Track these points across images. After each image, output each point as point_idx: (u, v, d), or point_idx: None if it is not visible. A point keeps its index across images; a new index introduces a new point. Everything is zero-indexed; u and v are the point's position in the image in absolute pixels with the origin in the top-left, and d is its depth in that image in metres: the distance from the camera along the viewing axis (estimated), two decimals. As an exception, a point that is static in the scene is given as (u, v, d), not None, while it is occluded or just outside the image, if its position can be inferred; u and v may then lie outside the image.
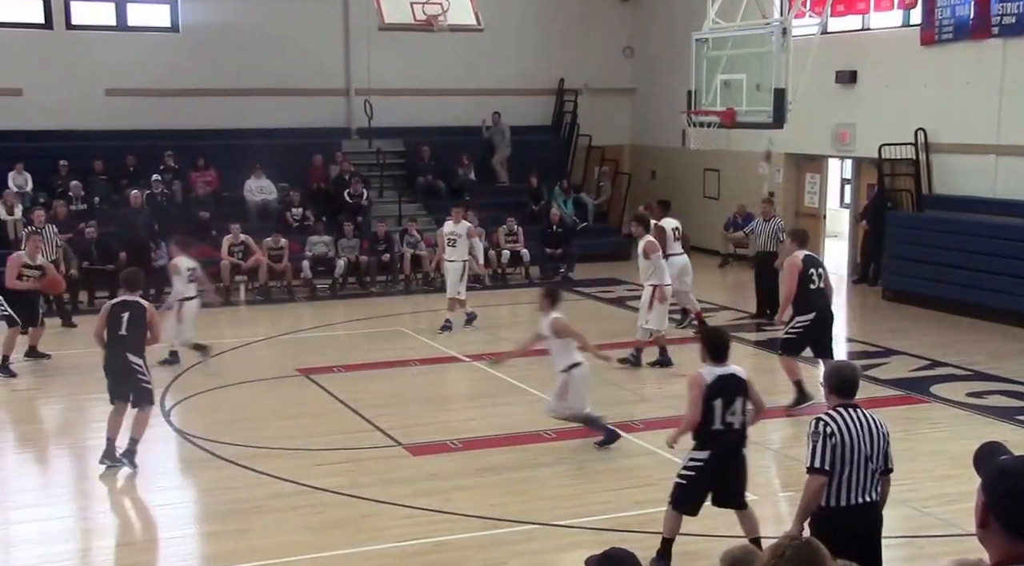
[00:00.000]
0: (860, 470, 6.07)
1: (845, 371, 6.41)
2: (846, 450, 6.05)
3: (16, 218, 19.44)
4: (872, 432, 6.12)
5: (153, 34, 22.62)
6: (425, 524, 8.65)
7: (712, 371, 7.46)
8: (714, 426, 7.42)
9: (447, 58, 23.28)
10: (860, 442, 6.06)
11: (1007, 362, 13.93)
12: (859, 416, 6.15)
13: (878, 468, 6.15)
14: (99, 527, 9.08)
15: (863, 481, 6.10)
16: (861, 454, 6.06)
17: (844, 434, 6.06)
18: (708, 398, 7.38)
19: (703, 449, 7.49)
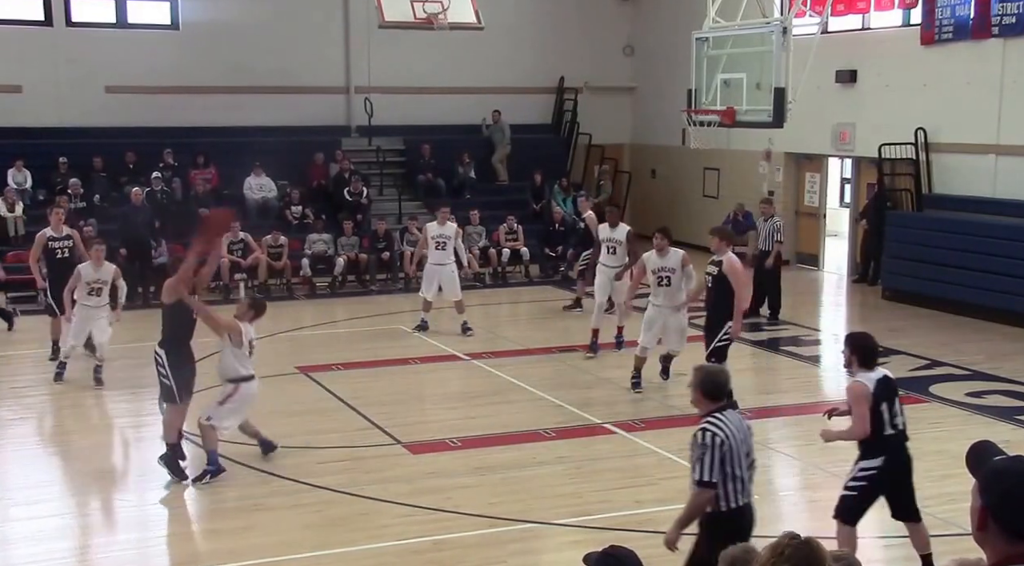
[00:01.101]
0: (743, 470, 6.17)
1: (719, 376, 6.39)
2: (733, 454, 6.11)
3: (16, 215, 19.44)
4: (742, 430, 6.23)
5: (153, 31, 22.60)
6: (424, 522, 8.65)
7: (870, 377, 7.27)
8: (886, 432, 7.25)
9: (447, 56, 23.27)
10: (738, 443, 6.15)
11: (1006, 362, 13.94)
12: (732, 417, 6.22)
13: (750, 473, 6.31)
14: (98, 524, 9.08)
15: (746, 481, 6.22)
16: (741, 454, 6.17)
17: (730, 439, 6.12)
18: (875, 405, 7.22)
19: (875, 456, 7.29)
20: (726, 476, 6.14)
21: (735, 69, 15.74)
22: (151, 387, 12.55)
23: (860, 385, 7.27)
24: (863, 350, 7.37)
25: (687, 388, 6.48)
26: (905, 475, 7.39)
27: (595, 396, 12.45)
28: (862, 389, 7.23)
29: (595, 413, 11.70)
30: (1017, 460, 2.92)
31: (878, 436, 7.27)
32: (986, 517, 2.77)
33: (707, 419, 6.16)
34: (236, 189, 21.36)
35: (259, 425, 10.34)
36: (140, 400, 12.48)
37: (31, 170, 20.45)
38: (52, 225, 14.50)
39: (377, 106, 22.79)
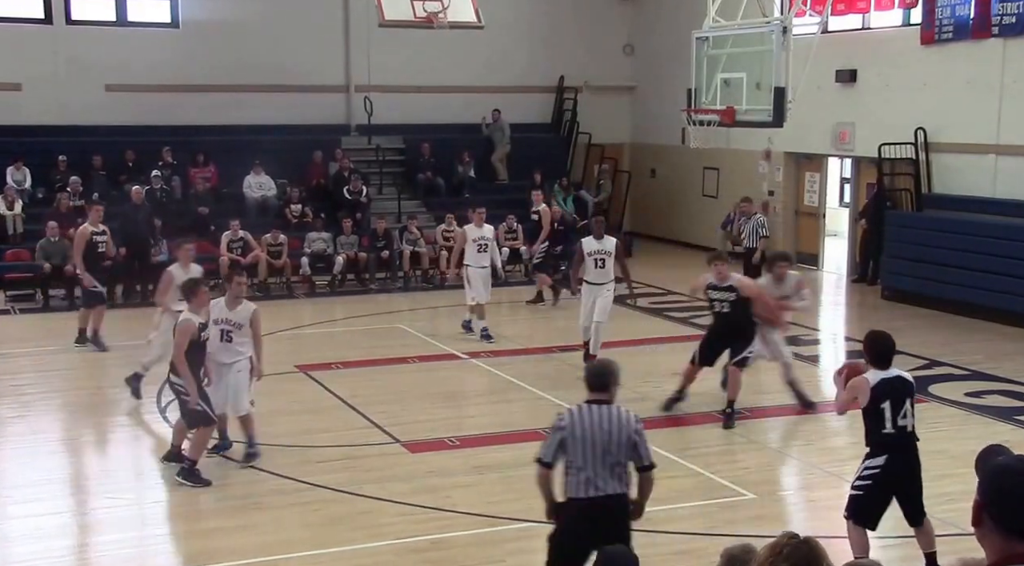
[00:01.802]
0: (597, 464, 6.11)
1: (598, 369, 6.48)
2: (577, 444, 6.12)
3: (16, 213, 19.44)
4: (611, 427, 6.13)
5: (153, 30, 22.60)
6: (423, 521, 8.65)
7: (877, 375, 7.35)
8: (884, 430, 7.29)
9: (447, 55, 23.26)
10: (595, 436, 6.10)
11: (1005, 362, 13.94)
12: (599, 412, 6.19)
13: (619, 462, 6.18)
14: (96, 523, 9.06)
15: (602, 473, 6.14)
16: (597, 448, 6.10)
17: (576, 428, 6.15)
18: (875, 401, 7.28)
19: (878, 456, 7.31)
20: (568, 466, 6.20)
21: (735, 68, 15.74)
22: (150, 385, 12.57)
23: (862, 380, 7.38)
24: (874, 350, 7.53)
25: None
26: (909, 476, 7.37)
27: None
28: (861, 382, 7.36)
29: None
30: (1019, 459, 2.93)
31: (877, 434, 7.32)
32: (981, 513, 2.78)
33: (573, 405, 6.33)
34: (236, 188, 21.36)
35: (259, 423, 10.33)
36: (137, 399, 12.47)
37: (30, 168, 20.46)
38: (92, 220, 14.96)
39: (377, 105, 22.78)
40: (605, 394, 6.28)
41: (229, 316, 9.89)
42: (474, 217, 15.84)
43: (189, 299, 9.77)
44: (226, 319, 9.87)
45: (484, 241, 15.46)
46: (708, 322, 12.28)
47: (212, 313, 9.86)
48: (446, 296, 18.84)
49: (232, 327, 9.87)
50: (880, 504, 7.36)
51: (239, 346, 9.91)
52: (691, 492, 9.38)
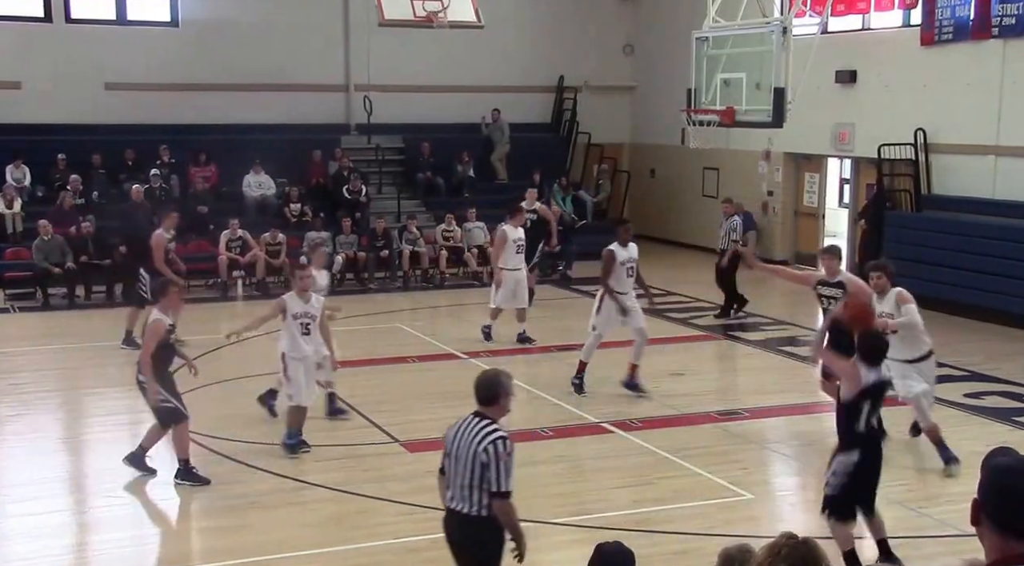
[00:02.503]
0: (456, 477, 5.98)
1: (485, 380, 6.22)
2: (451, 455, 6.01)
3: (15, 212, 19.44)
4: (470, 444, 5.92)
5: (153, 29, 22.59)
6: (422, 521, 8.64)
7: (869, 375, 7.40)
8: (859, 428, 7.41)
9: (447, 55, 23.26)
10: (459, 450, 5.96)
11: (1004, 363, 13.94)
12: (471, 426, 6.02)
13: (466, 483, 5.91)
14: (95, 522, 9.06)
15: (453, 488, 6.00)
16: (458, 463, 5.95)
17: (451, 439, 6.05)
18: (859, 401, 7.37)
19: (851, 451, 7.43)
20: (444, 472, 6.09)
21: (735, 69, 15.73)
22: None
23: (856, 373, 7.43)
24: (867, 349, 7.53)
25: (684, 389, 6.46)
26: (876, 472, 7.54)
27: (593, 395, 12.43)
28: (854, 374, 7.42)
29: (593, 412, 11.70)
30: (1019, 460, 2.93)
31: (851, 431, 7.46)
32: (979, 512, 2.78)
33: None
34: (235, 187, 21.36)
35: (257, 423, 10.33)
36: (138, 398, 12.46)
37: (30, 167, 20.46)
38: (166, 226, 15.05)
39: (376, 104, 22.78)
40: (491, 408, 6.05)
41: (306, 309, 10.21)
42: (512, 218, 15.03)
43: (160, 299, 9.76)
44: (304, 312, 10.18)
45: (522, 242, 14.93)
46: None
47: (289, 308, 10.17)
48: (445, 296, 18.88)
49: (310, 319, 10.20)
50: (855, 496, 7.47)
51: (318, 337, 10.30)
52: (689, 492, 9.38)
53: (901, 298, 9.96)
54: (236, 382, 13.05)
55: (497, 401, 6.05)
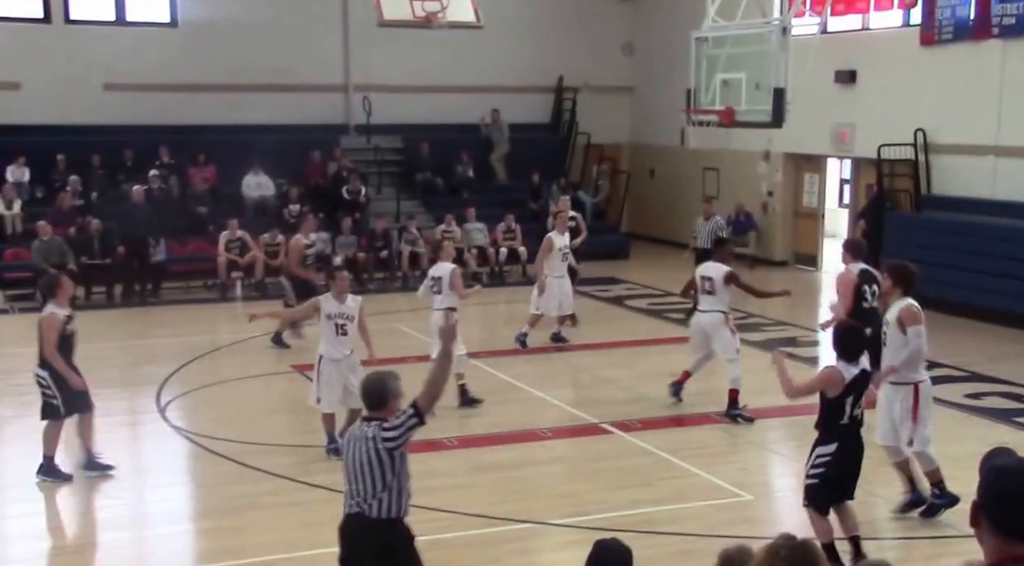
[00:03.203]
0: (349, 483, 5.90)
1: (370, 384, 6.05)
2: (345, 461, 5.92)
3: (15, 212, 19.44)
4: (365, 451, 5.83)
5: (152, 29, 22.59)
6: (421, 522, 8.59)
7: (850, 370, 7.49)
8: (842, 421, 7.54)
9: (446, 55, 23.24)
10: (350, 456, 5.87)
11: (1004, 364, 13.93)
12: (359, 429, 5.93)
13: (369, 488, 5.84)
14: (94, 522, 9.06)
15: (351, 493, 5.91)
16: (351, 468, 5.86)
17: (345, 446, 5.96)
18: (843, 396, 7.47)
19: (830, 443, 7.57)
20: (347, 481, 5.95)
21: (734, 69, 15.73)
22: (149, 385, 12.60)
23: (838, 375, 7.46)
24: (844, 343, 7.59)
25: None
26: (857, 462, 7.66)
27: (593, 396, 12.44)
28: (835, 377, 7.48)
29: (592, 413, 11.69)
30: (1019, 461, 2.93)
31: (834, 424, 7.55)
32: (978, 514, 2.78)
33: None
34: (234, 187, 21.36)
35: (256, 423, 10.32)
36: (136, 398, 12.49)
37: (29, 167, 20.45)
38: (305, 231, 15.04)
39: (376, 104, 22.77)
40: (381, 412, 5.91)
41: (341, 310, 10.24)
42: (557, 223, 15.00)
43: (51, 294, 9.83)
44: (339, 313, 10.22)
45: (568, 249, 14.89)
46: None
47: (324, 309, 10.20)
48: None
49: (346, 320, 10.24)
50: (834, 487, 7.59)
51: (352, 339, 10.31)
52: (689, 493, 9.38)
53: (906, 317, 8.49)
54: (235, 383, 13.06)
55: (386, 405, 5.92)
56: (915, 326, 8.40)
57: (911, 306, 8.50)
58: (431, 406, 5.92)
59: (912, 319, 8.41)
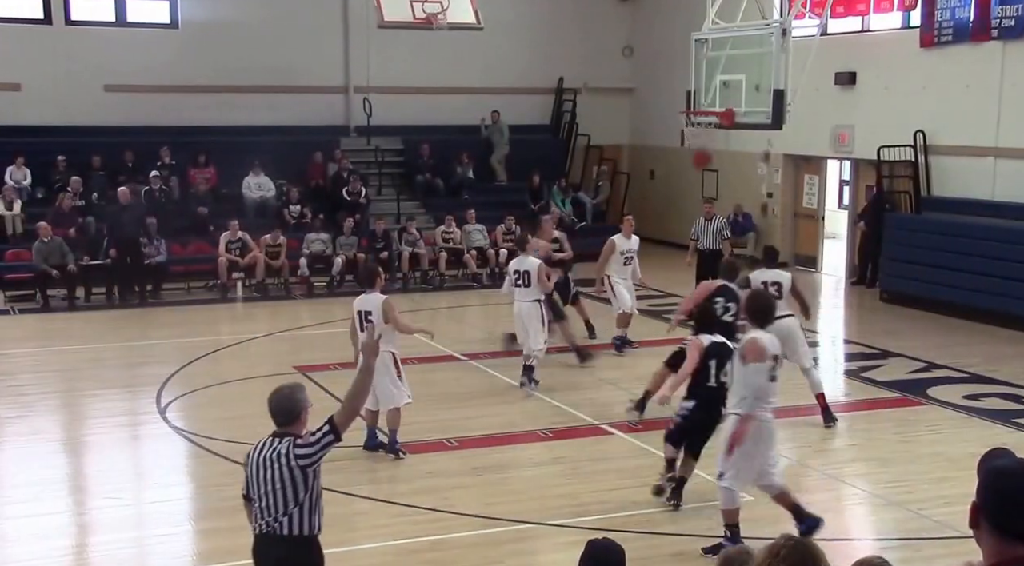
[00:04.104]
0: (259, 501, 5.68)
1: (280, 400, 5.86)
2: (250, 477, 5.71)
3: (15, 213, 19.44)
4: (271, 467, 5.62)
5: (152, 30, 22.60)
6: (422, 522, 8.65)
7: (706, 338, 8.84)
8: (709, 383, 8.80)
9: (446, 56, 23.27)
10: (259, 473, 5.66)
11: (1004, 365, 13.93)
12: (273, 448, 5.68)
13: (280, 504, 5.61)
14: (95, 523, 9.07)
15: (261, 510, 5.68)
16: (260, 485, 5.64)
17: (251, 462, 5.71)
18: (705, 359, 8.73)
19: (691, 400, 8.95)
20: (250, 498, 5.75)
21: (734, 70, 15.74)
22: (149, 385, 12.61)
23: (695, 341, 8.70)
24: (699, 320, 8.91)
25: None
26: (709, 426, 8.87)
27: (592, 397, 12.45)
28: (694, 342, 8.90)
29: (592, 414, 11.70)
30: (1018, 462, 2.93)
31: (699, 385, 8.85)
32: (978, 515, 2.79)
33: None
34: (235, 188, 21.37)
35: (257, 424, 10.28)
36: (137, 399, 12.50)
37: (30, 168, 20.46)
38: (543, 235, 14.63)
39: (376, 106, 22.78)
40: (294, 426, 5.73)
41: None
42: (624, 226, 15.01)
43: None
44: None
45: (631, 253, 14.72)
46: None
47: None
48: (445, 297, 18.87)
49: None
50: (689, 433, 9.03)
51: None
52: (689, 494, 9.38)
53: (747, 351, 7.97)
54: (236, 384, 13.07)
55: (299, 418, 5.76)
56: (754, 362, 7.87)
57: (757, 341, 7.94)
58: (349, 423, 5.75)
59: (753, 354, 7.89)
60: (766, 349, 7.88)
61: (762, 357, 7.85)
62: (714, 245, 17.06)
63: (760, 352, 7.86)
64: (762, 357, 7.85)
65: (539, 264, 12.57)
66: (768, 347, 7.91)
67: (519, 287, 12.66)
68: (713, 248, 17.04)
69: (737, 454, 7.88)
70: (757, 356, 7.85)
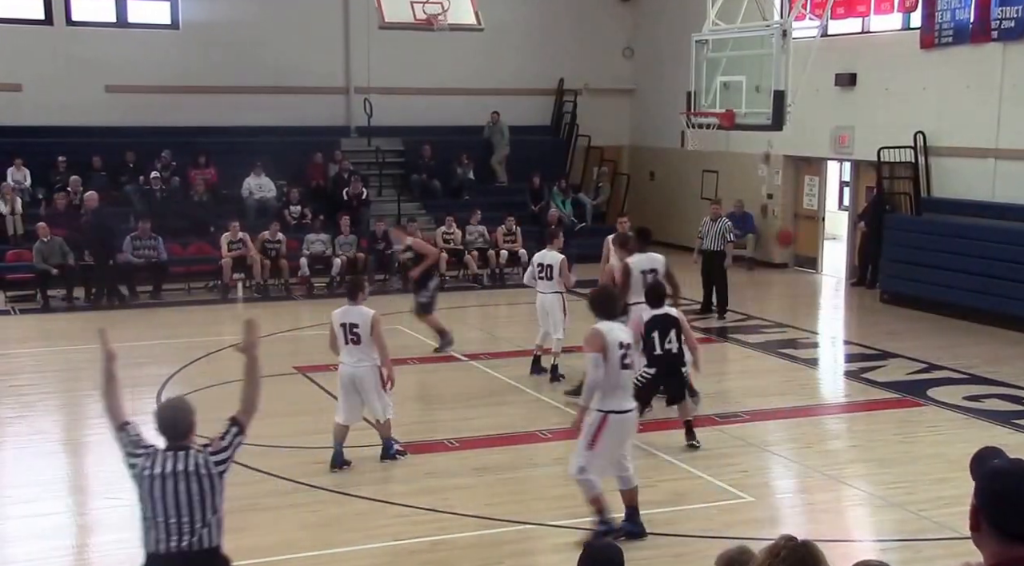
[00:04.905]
0: (167, 518, 5.53)
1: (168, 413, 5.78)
2: (154, 497, 5.54)
3: (16, 214, 19.43)
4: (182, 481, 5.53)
5: (153, 31, 22.61)
6: (422, 523, 8.65)
7: (650, 312, 10.36)
8: (656, 352, 10.28)
9: (447, 57, 23.28)
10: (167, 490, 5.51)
11: (1004, 366, 13.94)
12: (178, 462, 5.56)
13: (189, 516, 5.54)
14: (95, 523, 9.07)
15: (166, 531, 5.54)
16: (171, 502, 5.51)
17: (149, 481, 5.54)
18: (647, 332, 10.24)
19: (651, 366, 10.34)
20: (144, 518, 5.55)
21: (735, 72, 15.76)
22: (149, 386, 12.61)
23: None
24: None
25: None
26: (670, 376, 10.46)
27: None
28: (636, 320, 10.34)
29: (593, 415, 11.67)
30: (1015, 463, 2.94)
31: (651, 354, 10.28)
32: (979, 517, 2.79)
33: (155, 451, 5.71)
34: (235, 189, 21.38)
35: (257, 424, 10.27)
36: (137, 399, 12.47)
37: (30, 169, 20.47)
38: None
39: (376, 107, 22.80)
40: (186, 440, 5.66)
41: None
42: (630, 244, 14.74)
43: None
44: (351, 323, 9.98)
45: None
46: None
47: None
48: (445, 298, 18.83)
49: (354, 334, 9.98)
50: (651, 392, 10.59)
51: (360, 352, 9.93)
52: (689, 495, 9.39)
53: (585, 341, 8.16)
54: (237, 384, 13.04)
55: (193, 430, 5.71)
56: (591, 353, 7.91)
57: (592, 330, 8.07)
58: (251, 418, 5.83)
59: (589, 344, 7.97)
60: (605, 339, 7.95)
61: (597, 347, 7.90)
62: (716, 246, 17.05)
63: (595, 342, 7.94)
64: (597, 347, 7.90)
65: (562, 259, 13.00)
66: (608, 338, 7.98)
67: (542, 279, 13.07)
68: (714, 249, 17.05)
69: (600, 450, 8.02)
70: (593, 346, 7.94)
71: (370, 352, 9.93)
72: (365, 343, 9.90)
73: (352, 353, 9.99)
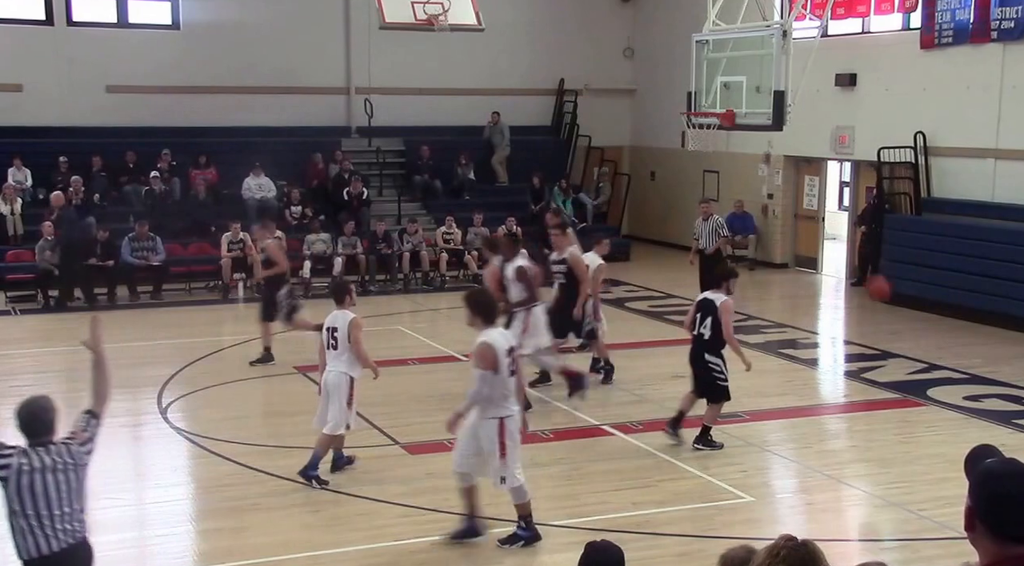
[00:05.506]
0: (51, 511, 5.49)
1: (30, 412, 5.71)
2: (35, 495, 5.49)
3: (16, 214, 19.44)
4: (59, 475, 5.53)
5: (154, 31, 22.62)
6: (422, 523, 8.66)
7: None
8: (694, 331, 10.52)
9: (447, 58, 23.30)
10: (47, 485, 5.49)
11: (1004, 366, 13.95)
12: (48, 457, 5.56)
13: (73, 511, 5.56)
14: (95, 523, 9.04)
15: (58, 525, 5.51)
16: (53, 497, 5.49)
17: (20, 478, 5.48)
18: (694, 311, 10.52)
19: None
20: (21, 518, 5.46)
21: (735, 72, 15.77)
22: (149, 387, 12.63)
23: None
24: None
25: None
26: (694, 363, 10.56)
27: (593, 398, 12.44)
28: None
29: (593, 415, 11.71)
30: (1008, 463, 2.95)
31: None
32: (973, 518, 2.80)
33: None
34: (236, 189, 21.38)
35: (258, 424, 10.33)
36: (137, 400, 12.51)
37: (31, 169, 20.48)
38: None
39: (377, 107, 22.81)
40: (49, 436, 5.69)
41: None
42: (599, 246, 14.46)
43: None
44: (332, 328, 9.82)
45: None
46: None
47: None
48: (446, 298, 18.87)
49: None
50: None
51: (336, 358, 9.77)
52: (690, 495, 9.40)
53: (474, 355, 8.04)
54: (237, 384, 13.08)
55: (55, 427, 5.74)
56: (482, 369, 7.82)
57: (482, 345, 7.89)
58: (105, 409, 6.02)
59: (478, 359, 7.87)
60: (496, 354, 7.83)
61: (486, 363, 7.81)
62: (710, 244, 17.04)
63: (486, 357, 7.82)
64: (486, 363, 7.81)
65: (600, 263, 13.31)
66: (499, 352, 7.87)
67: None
68: (710, 249, 17.04)
69: (510, 455, 7.98)
70: (482, 361, 7.83)
71: (346, 359, 9.69)
72: (342, 348, 9.68)
73: (331, 358, 9.83)
